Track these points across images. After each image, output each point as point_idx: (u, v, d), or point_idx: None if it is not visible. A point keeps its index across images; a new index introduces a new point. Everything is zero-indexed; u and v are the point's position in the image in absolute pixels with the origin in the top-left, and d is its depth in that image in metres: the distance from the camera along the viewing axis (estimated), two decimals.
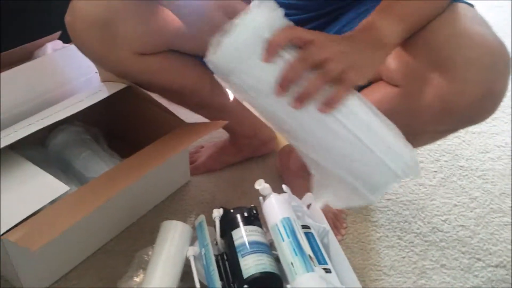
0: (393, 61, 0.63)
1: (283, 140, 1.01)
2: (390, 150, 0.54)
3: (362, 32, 0.58)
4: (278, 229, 0.61)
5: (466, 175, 0.99)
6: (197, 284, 0.64)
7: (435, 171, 1.00)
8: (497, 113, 1.16)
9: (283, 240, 0.60)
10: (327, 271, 0.61)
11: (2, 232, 0.61)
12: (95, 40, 0.70)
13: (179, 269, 0.68)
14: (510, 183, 0.97)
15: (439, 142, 1.07)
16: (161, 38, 0.74)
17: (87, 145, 0.89)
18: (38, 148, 0.87)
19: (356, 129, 0.53)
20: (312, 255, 0.58)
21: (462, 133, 1.11)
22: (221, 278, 0.63)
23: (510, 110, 1.19)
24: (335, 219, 0.85)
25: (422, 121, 0.63)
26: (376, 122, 0.55)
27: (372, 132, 0.54)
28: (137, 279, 0.70)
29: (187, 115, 0.88)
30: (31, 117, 0.81)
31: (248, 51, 0.53)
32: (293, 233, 0.60)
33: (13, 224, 0.62)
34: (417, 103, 0.61)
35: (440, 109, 0.59)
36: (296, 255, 0.57)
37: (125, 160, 0.78)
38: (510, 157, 1.05)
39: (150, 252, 0.74)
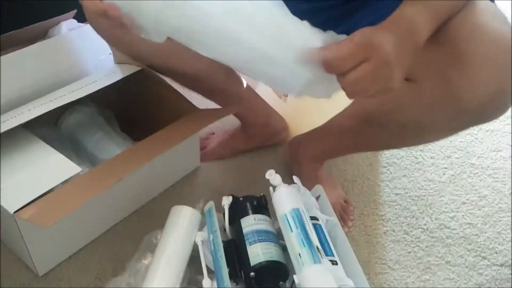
0: None
1: (294, 131, 1.01)
2: None
3: (395, 24, 0.52)
4: (287, 220, 0.61)
5: (477, 173, 0.99)
6: (204, 269, 0.65)
7: (446, 168, 0.99)
8: None
9: (292, 231, 0.60)
10: (334, 263, 0.61)
11: (14, 210, 0.62)
12: None
13: (186, 254, 0.69)
14: None
15: (451, 138, 1.06)
16: None
17: (99, 126, 0.89)
18: (51, 127, 0.88)
19: None
20: (319, 246, 0.59)
21: (475, 130, 1.10)
22: (228, 265, 0.64)
23: None
24: (343, 211, 0.85)
25: (434, 118, 0.62)
26: None
27: None
28: (145, 262, 0.71)
29: (199, 101, 0.88)
30: (45, 96, 0.81)
31: None
32: (302, 224, 0.60)
33: (26, 203, 0.63)
34: (429, 99, 0.60)
35: (452, 106, 0.59)
36: (304, 246, 0.57)
37: (137, 143, 0.78)
38: None
39: (158, 236, 0.74)
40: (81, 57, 0.92)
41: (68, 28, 0.99)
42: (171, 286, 0.64)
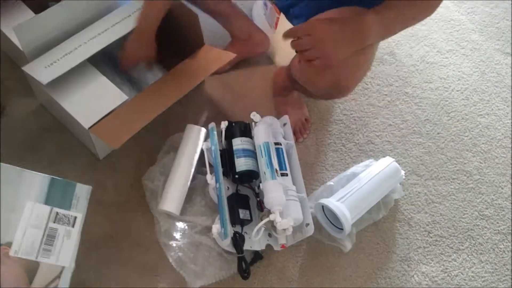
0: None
1: (282, 57, 1.31)
2: None
3: (352, 20, 0.82)
4: (260, 149, 1.00)
5: (407, 100, 1.34)
6: (207, 167, 1.05)
7: (386, 95, 1.34)
8: (452, 46, 1.46)
9: (262, 157, 0.99)
10: (284, 174, 1.01)
11: (89, 126, 0.97)
12: None
13: (197, 155, 1.08)
14: (436, 111, 1.33)
15: (397, 68, 1.38)
16: None
17: None
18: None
19: None
20: (278, 168, 0.98)
21: (418, 62, 1.41)
22: (222, 166, 1.04)
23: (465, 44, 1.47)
24: (302, 127, 1.22)
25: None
26: None
27: None
28: (170, 156, 1.10)
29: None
30: (93, 27, 1.07)
31: None
32: (269, 153, 0.99)
33: (95, 121, 0.98)
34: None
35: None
36: (268, 168, 0.97)
37: (167, 72, 1.07)
38: (446, 88, 1.38)
39: (177, 137, 1.12)
40: None
41: None
42: (188, 175, 1.05)
